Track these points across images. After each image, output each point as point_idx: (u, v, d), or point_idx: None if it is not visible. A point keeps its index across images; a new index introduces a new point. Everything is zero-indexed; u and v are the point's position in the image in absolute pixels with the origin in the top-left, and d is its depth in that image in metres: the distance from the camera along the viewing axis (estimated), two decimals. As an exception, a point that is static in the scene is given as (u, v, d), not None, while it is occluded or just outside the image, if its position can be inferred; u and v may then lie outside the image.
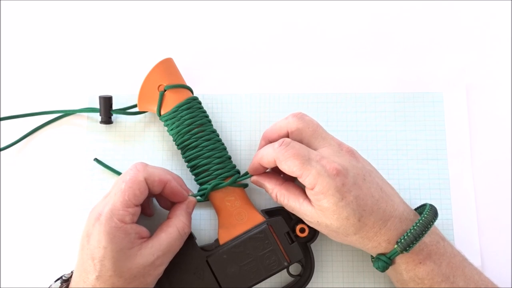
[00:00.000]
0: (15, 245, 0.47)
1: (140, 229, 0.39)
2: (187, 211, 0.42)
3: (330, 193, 0.37)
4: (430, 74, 0.50)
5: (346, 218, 0.37)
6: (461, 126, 0.49)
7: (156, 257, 0.38)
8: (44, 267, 0.46)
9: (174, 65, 0.47)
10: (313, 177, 0.37)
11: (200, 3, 0.53)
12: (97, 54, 0.52)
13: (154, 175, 0.40)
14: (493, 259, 0.46)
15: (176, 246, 0.40)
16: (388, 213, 0.38)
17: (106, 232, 0.37)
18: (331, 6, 0.53)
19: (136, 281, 0.38)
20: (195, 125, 0.44)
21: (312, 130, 0.41)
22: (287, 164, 0.38)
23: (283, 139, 0.40)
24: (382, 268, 0.39)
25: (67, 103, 0.50)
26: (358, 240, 0.39)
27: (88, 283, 0.37)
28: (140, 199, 0.39)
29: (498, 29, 0.52)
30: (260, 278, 0.42)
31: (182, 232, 0.40)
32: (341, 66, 0.51)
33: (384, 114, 0.49)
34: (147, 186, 0.39)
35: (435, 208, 0.40)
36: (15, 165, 0.49)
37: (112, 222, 0.37)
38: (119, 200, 0.38)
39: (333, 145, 0.40)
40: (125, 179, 0.39)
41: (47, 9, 0.53)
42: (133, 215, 0.38)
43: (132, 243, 0.38)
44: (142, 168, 0.40)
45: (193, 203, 0.43)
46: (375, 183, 0.39)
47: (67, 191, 0.48)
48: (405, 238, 0.38)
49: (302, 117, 0.41)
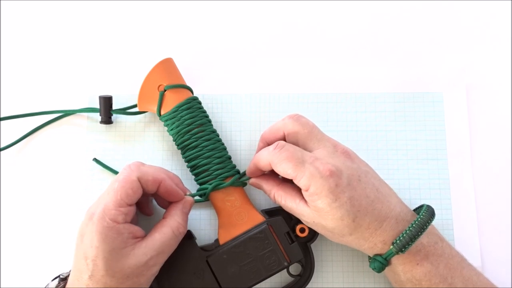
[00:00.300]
0: (15, 244, 0.47)
1: (134, 228, 0.39)
2: (183, 211, 0.42)
3: (323, 194, 0.37)
4: (430, 74, 0.50)
5: (340, 219, 0.37)
6: (461, 126, 0.49)
7: (149, 257, 0.38)
8: (44, 266, 0.46)
9: (174, 65, 0.47)
10: (307, 179, 0.37)
11: (200, 3, 0.53)
12: (97, 54, 0.52)
13: (147, 174, 0.40)
14: (493, 259, 0.46)
15: (171, 246, 0.40)
16: (384, 213, 0.38)
17: (98, 232, 0.37)
18: (331, 6, 0.53)
19: (129, 281, 0.37)
20: (195, 125, 0.44)
21: (308, 132, 0.41)
22: (281, 166, 0.39)
23: (278, 142, 0.40)
24: (378, 268, 0.39)
25: (67, 103, 0.50)
26: (354, 240, 0.39)
27: (82, 283, 0.37)
28: (133, 199, 0.39)
29: (498, 29, 0.52)
30: (260, 278, 0.42)
31: (177, 232, 0.40)
32: (341, 66, 0.51)
33: (384, 114, 0.49)
34: (140, 185, 0.39)
35: (432, 208, 0.40)
36: (15, 165, 0.49)
37: (104, 222, 0.37)
38: (111, 200, 0.38)
39: (328, 146, 0.40)
40: (118, 179, 0.39)
41: (47, 9, 0.53)
42: (126, 215, 0.38)
43: (125, 243, 0.38)
44: (135, 168, 0.40)
45: (190, 203, 0.43)
46: (370, 184, 0.39)
47: (67, 191, 0.48)
48: (401, 239, 0.38)
49: (298, 118, 0.41)
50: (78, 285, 0.37)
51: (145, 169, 0.40)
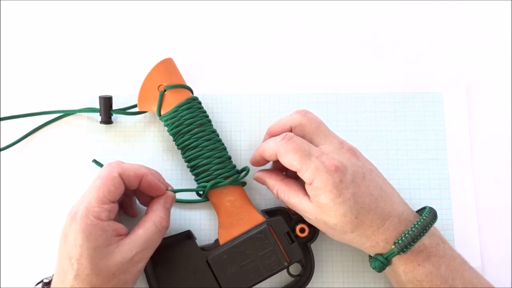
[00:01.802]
0: (15, 244, 0.47)
1: (117, 226, 0.39)
2: (165, 206, 0.42)
3: (327, 189, 0.37)
4: (430, 74, 0.50)
5: (343, 215, 0.37)
6: (461, 126, 0.49)
7: (134, 253, 0.38)
8: (43, 266, 0.46)
9: (174, 65, 0.47)
10: (312, 172, 0.38)
11: (200, 3, 0.53)
12: (97, 54, 0.52)
13: (129, 170, 0.40)
14: (493, 259, 0.46)
15: (155, 241, 0.40)
16: (387, 212, 0.38)
17: (82, 230, 0.37)
18: (331, 6, 0.53)
19: (115, 279, 0.37)
20: (195, 125, 0.45)
21: (315, 126, 0.41)
22: (287, 157, 0.39)
23: (286, 133, 0.40)
24: (379, 268, 0.39)
25: (67, 103, 0.50)
26: (355, 238, 0.39)
27: (67, 283, 0.37)
28: (115, 195, 0.39)
29: (498, 29, 0.52)
30: (260, 278, 0.42)
31: (160, 227, 0.40)
32: (341, 66, 0.51)
33: (384, 114, 0.49)
34: (122, 181, 0.39)
35: (435, 210, 0.40)
36: (15, 165, 0.49)
37: (87, 220, 0.37)
38: (94, 197, 0.38)
39: (335, 142, 0.41)
40: (100, 176, 0.39)
41: (47, 9, 0.53)
42: (109, 212, 0.38)
43: (109, 240, 0.37)
44: (116, 165, 0.40)
45: (171, 197, 0.43)
46: (374, 182, 0.39)
47: (67, 191, 0.48)
48: (403, 239, 0.38)
49: (305, 114, 0.42)
50: (63, 286, 0.37)
51: (126, 165, 0.40)
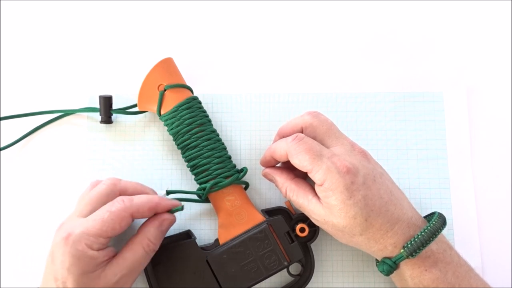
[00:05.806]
0: (15, 244, 0.47)
1: (107, 251, 0.38)
2: (159, 228, 0.40)
3: (338, 190, 0.37)
4: (430, 74, 0.50)
5: (353, 217, 0.37)
6: (461, 126, 0.49)
7: (119, 277, 0.37)
8: (43, 266, 0.46)
9: (174, 65, 0.47)
10: (323, 173, 0.37)
11: (200, 3, 0.53)
12: (97, 54, 0.52)
13: (142, 207, 0.39)
14: (493, 259, 0.46)
15: (141, 265, 0.39)
16: (396, 216, 0.38)
17: (72, 255, 0.36)
18: (331, 6, 0.53)
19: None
20: (195, 125, 0.44)
21: (326, 128, 0.41)
22: (298, 158, 0.39)
23: (297, 134, 0.40)
24: (386, 271, 0.39)
25: (67, 103, 0.50)
26: (364, 241, 0.39)
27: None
28: (117, 233, 0.38)
29: (498, 29, 0.52)
30: (260, 278, 0.42)
31: (148, 250, 0.39)
32: (341, 65, 0.51)
33: (384, 114, 0.49)
34: (130, 222, 0.39)
35: (444, 216, 0.40)
36: (15, 165, 0.49)
37: (79, 246, 0.36)
38: (95, 228, 0.37)
39: (346, 144, 0.41)
40: (111, 210, 0.38)
41: (47, 9, 0.53)
42: (103, 244, 0.37)
43: (97, 266, 0.37)
44: (129, 204, 0.38)
45: (169, 221, 0.41)
46: (385, 185, 0.39)
47: (67, 191, 0.48)
48: (412, 243, 0.37)
49: (317, 115, 0.42)
50: None
51: (139, 202, 0.39)
